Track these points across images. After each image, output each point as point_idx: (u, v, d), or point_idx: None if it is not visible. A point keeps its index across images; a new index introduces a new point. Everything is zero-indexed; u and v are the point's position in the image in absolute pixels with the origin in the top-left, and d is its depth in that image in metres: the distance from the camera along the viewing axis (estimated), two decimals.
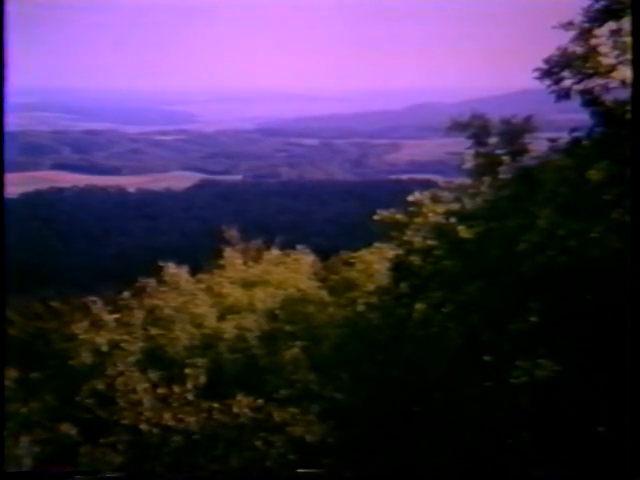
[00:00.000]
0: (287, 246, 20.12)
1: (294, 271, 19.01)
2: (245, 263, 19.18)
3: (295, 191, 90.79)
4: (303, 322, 16.66)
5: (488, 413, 12.88)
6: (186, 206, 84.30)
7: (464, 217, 14.76)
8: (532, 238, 13.21)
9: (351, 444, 13.63)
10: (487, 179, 15.06)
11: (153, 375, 14.59)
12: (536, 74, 13.98)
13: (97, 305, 16.23)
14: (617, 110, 13.09)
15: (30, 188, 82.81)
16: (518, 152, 14.76)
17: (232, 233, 19.64)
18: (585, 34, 13.54)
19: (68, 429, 14.00)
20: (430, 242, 15.06)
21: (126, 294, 17.12)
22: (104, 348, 15.26)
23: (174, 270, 17.73)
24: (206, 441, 13.72)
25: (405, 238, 15.39)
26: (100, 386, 14.53)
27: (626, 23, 13.00)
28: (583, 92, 13.66)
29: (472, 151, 15.11)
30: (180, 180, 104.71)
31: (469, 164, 15.17)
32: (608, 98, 13.51)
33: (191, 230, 69.66)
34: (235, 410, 13.74)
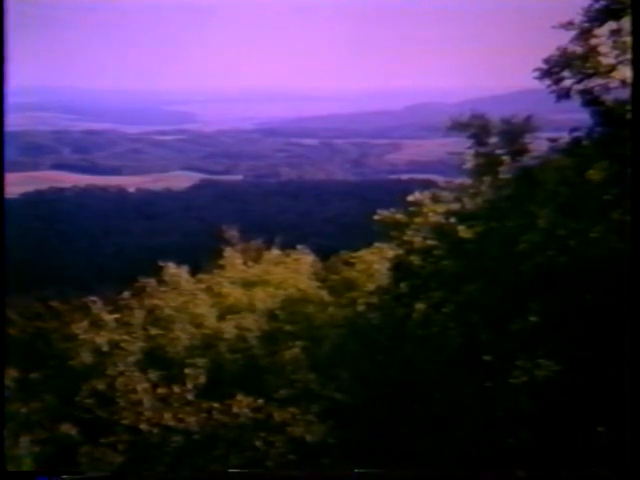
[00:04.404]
0: (287, 246, 20.11)
1: (294, 271, 19.00)
2: (245, 263, 19.17)
3: (295, 191, 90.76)
4: (303, 322, 16.66)
5: (488, 413, 12.88)
6: (186, 206, 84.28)
7: (464, 217, 14.76)
8: (532, 238, 13.21)
9: (351, 444, 13.63)
10: (487, 179, 15.06)
11: (153, 375, 14.59)
12: (536, 74, 13.99)
13: (97, 305, 16.23)
14: (617, 110, 13.09)
15: (30, 188, 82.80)
16: (518, 152, 14.75)
17: (232, 233, 19.64)
18: (585, 34, 13.55)
19: (68, 429, 14.00)
20: (430, 242, 15.06)
21: (126, 294, 17.11)
22: (104, 348, 15.26)
23: (174, 270, 17.72)
24: (206, 441, 13.73)
25: (405, 238, 15.39)
26: (100, 386, 14.53)
27: (626, 23, 13.01)
28: (583, 92, 13.66)
29: (472, 151, 15.11)
30: (180, 180, 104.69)
31: (469, 164, 15.16)
32: (608, 98, 13.52)
33: (191, 230, 69.63)
34: (235, 410, 13.74)
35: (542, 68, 13.91)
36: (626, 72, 12.93)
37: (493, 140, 14.97)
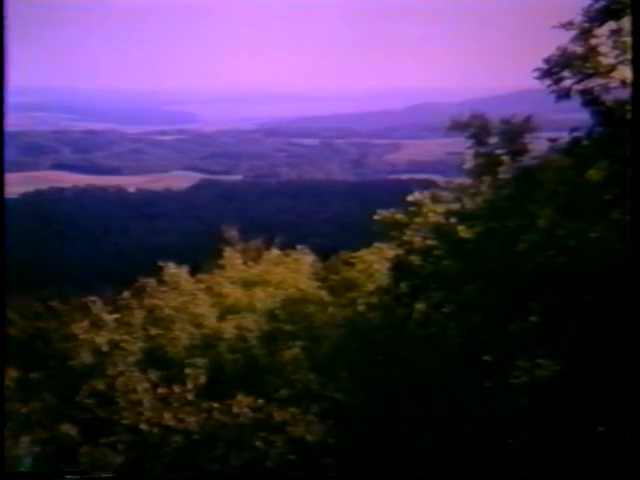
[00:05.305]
0: (287, 246, 20.12)
1: (294, 271, 19.01)
2: (245, 263, 19.19)
3: (295, 191, 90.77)
4: (303, 322, 16.67)
5: (488, 413, 12.88)
6: (186, 206, 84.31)
7: (464, 217, 14.75)
8: (532, 238, 13.21)
9: (351, 444, 13.63)
10: (487, 179, 15.05)
11: (153, 375, 14.59)
12: (536, 74, 13.97)
13: (97, 305, 16.23)
14: (617, 110, 13.09)
15: (30, 188, 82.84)
16: (518, 152, 14.75)
17: (232, 233, 19.65)
18: (585, 34, 13.54)
19: (68, 429, 13.99)
20: (430, 242, 15.05)
21: (126, 294, 17.13)
22: (104, 348, 15.26)
23: (174, 270, 17.73)
24: (206, 441, 13.72)
25: (405, 238, 15.38)
26: (100, 386, 14.53)
27: (626, 23, 13.00)
28: (583, 92, 13.65)
29: (472, 151, 15.10)
30: (180, 180, 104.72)
31: (469, 164, 15.16)
32: (608, 98, 13.51)
33: (191, 230, 69.63)
34: (235, 410, 13.74)
35: (542, 68, 13.90)
36: (626, 72, 12.92)
37: (493, 140, 14.96)
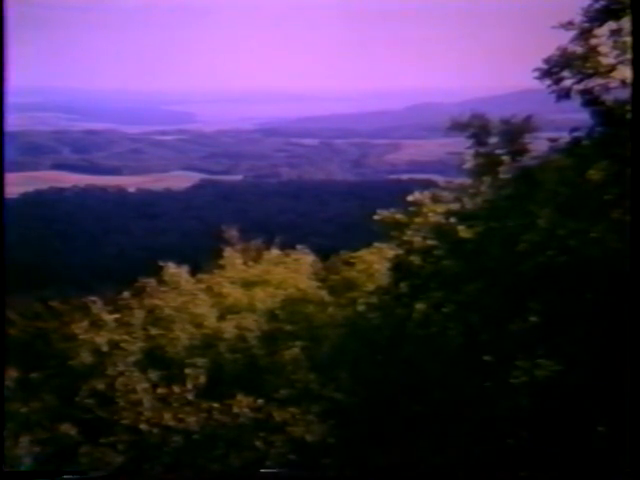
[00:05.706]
0: (287, 246, 20.12)
1: (294, 271, 19.01)
2: (245, 263, 19.19)
3: (295, 191, 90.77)
4: (303, 322, 16.66)
5: (488, 413, 12.88)
6: (186, 206, 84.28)
7: (464, 217, 14.76)
8: (532, 238, 13.22)
9: (351, 444, 13.63)
10: (487, 179, 15.05)
11: (153, 375, 14.60)
12: (536, 74, 13.98)
13: (97, 305, 16.23)
14: (617, 110, 13.09)
15: (30, 188, 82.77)
16: (518, 152, 14.75)
17: (232, 233, 19.65)
18: (585, 34, 13.55)
19: (68, 429, 14.00)
20: (430, 242, 15.05)
21: (126, 294, 17.12)
22: (104, 348, 15.26)
23: (174, 270, 17.73)
24: (206, 441, 13.73)
25: (405, 238, 15.38)
26: (100, 386, 14.54)
27: (626, 23, 13.01)
28: (583, 92, 13.66)
29: (472, 151, 15.11)
30: (180, 180, 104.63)
31: (469, 164, 15.16)
32: (608, 98, 13.52)
33: (191, 230, 69.62)
34: (235, 410, 13.74)
35: (542, 68, 13.91)
36: (626, 72, 12.92)
37: (493, 140, 14.97)
